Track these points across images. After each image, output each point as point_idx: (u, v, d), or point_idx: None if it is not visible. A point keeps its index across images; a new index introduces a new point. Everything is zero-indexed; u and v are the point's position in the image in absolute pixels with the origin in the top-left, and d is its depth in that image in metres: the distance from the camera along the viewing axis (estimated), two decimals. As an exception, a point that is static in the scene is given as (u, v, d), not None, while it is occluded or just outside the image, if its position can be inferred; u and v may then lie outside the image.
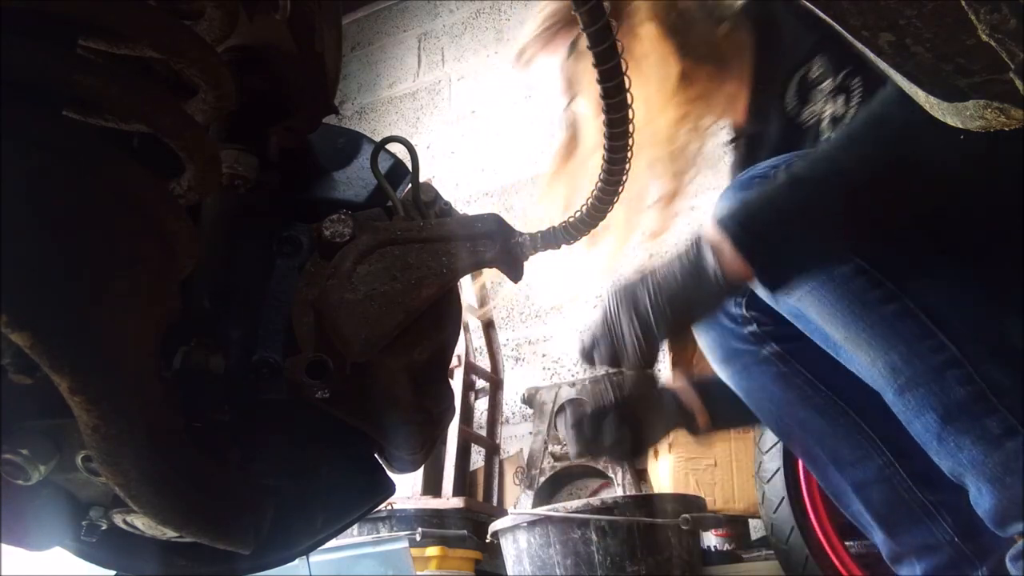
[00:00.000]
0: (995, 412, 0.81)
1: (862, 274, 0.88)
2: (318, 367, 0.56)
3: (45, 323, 0.37)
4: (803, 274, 0.90)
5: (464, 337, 2.71)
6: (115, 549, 0.54)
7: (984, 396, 0.82)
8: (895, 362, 0.87)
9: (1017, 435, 0.80)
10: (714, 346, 1.12)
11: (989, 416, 0.82)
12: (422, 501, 2.33)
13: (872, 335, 0.88)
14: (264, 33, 0.60)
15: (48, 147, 0.41)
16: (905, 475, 1.00)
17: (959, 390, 0.83)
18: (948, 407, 0.83)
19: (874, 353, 0.89)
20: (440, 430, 0.66)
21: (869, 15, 0.46)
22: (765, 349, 1.07)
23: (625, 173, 0.65)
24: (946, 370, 0.84)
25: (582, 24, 0.54)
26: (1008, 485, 0.81)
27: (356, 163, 0.70)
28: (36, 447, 0.44)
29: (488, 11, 3.59)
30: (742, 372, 1.10)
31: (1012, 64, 0.43)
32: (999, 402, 0.81)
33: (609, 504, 1.79)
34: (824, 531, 1.64)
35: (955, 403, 0.83)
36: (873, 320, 0.88)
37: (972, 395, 0.82)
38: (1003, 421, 0.81)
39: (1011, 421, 0.80)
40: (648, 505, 1.80)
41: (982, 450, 0.82)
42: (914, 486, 0.99)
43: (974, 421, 0.82)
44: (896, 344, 0.87)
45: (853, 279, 0.89)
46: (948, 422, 0.84)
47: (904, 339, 0.86)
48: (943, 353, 0.84)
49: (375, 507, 0.69)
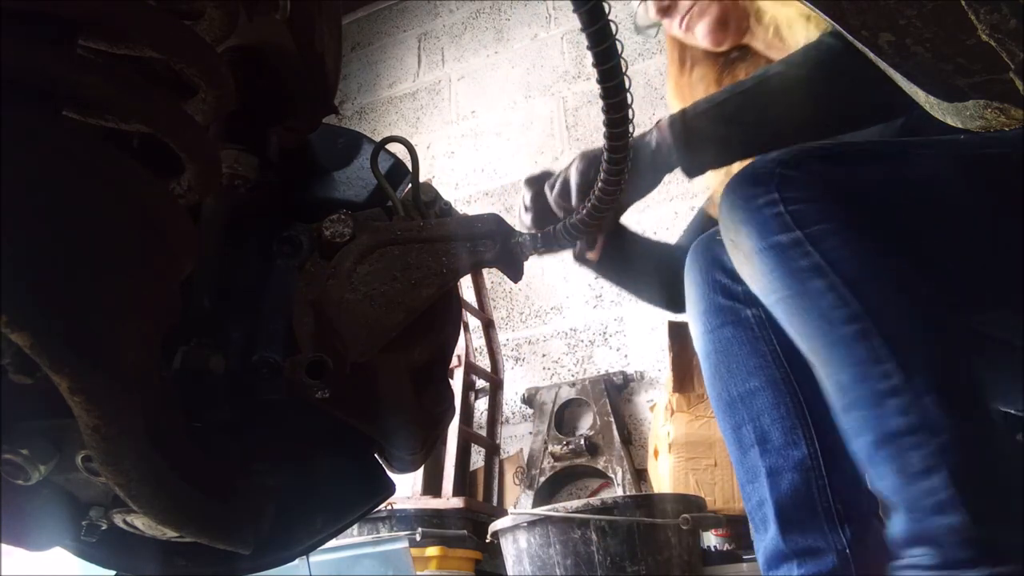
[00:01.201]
0: (921, 448, 0.83)
1: (833, 290, 0.90)
2: (318, 367, 0.56)
3: (45, 323, 0.37)
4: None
5: (464, 337, 2.72)
6: (115, 549, 0.54)
7: (915, 430, 0.84)
8: (844, 382, 0.90)
9: (933, 474, 0.82)
10: (699, 297, 1.14)
11: (915, 450, 0.84)
12: (422, 501, 2.33)
13: (830, 353, 0.91)
14: (264, 33, 0.60)
15: (48, 147, 0.41)
16: (825, 473, 1.00)
17: (894, 420, 0.85)
18: (881, 434, 0.86)
19: (828, 369, 0.91)
20: (440, 430, 0.66)
21: (869, 15, 0.46)
22: (749, 310, 1.08)
23: (625, 173, 0.65)
24: (888, 398, 0.86)
25: (582, 24, 0.54)
26: (917, 519, 0.83)
27: (356, 163, 0.70)
28: (36, 447, 0.44)
29: (488, 11, 3.59)
30: (716, 330, 1.12)
31: (1012, 64, 0.43)
32: (928, 438, 0.83)
33: (609, 504, 1.78)
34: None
35: (888, 431, 0.86)
36: (834, 339, 0.90)
37: (905, 426, 0.85)
38: (925, 458, 0.83)
39: (933, 460, 0.82)
40: (648, 505, 1.80)
41: (902, 481, 0.84)
42: (828, 487, 1.00)
43: (900, 452, 0.85)
44: (849, 365, 0.89)
45: (824, 295, 0.91)
46: (878, 448, 0.87)
47: (857, 361, 0.88)
48: (889, 380, 0.86)
49: (375, 507, 0.69)
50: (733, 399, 1.10)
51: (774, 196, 0.98)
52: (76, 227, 0.41)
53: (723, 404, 1.12)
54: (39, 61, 0.42)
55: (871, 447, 0.87)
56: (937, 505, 0.81)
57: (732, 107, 0.92)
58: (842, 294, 0.90)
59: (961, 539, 0.80)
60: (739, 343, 1.09)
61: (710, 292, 1.10)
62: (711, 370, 1.13)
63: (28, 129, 0.41)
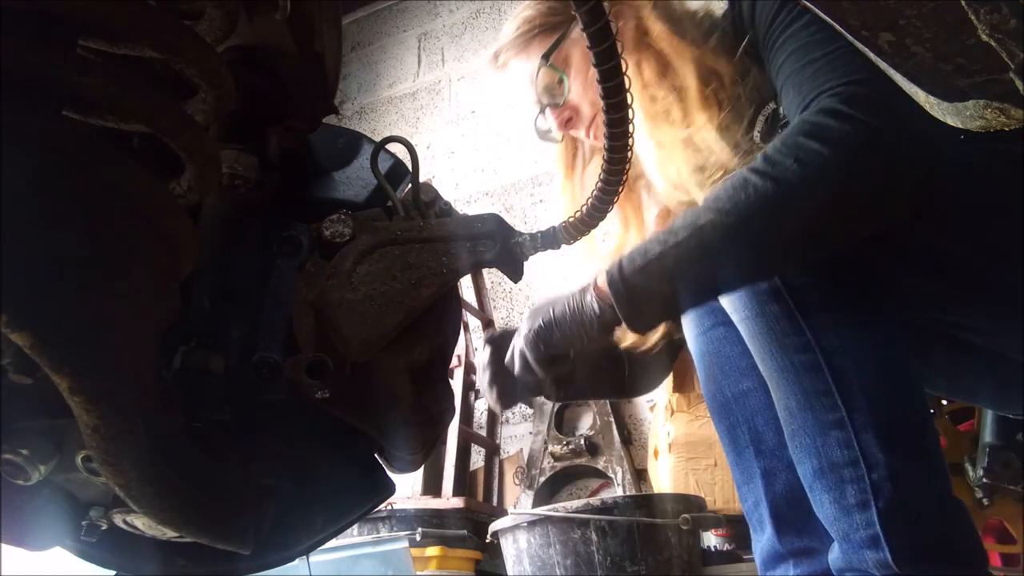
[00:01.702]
0: (857, 482, 0.87)
1: (789, 317, 0.93)
2: (318, 367, 0.56)
3: (45, 323, 0.37)
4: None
5: (464, 337, 2.72)
6: (115, 549, 0.54)
7: (855, 463, 0.87)
8: (792, 407, 0.93)
9: (866, 509, 0.85)
10: None
11: (852, 484, 0.87)
12: (422, 501, 2.33)
13: (781, 377, 0.94)
14: (264, 33, 0.60)
15: (48, 147, 0.41)
16: None
17: (836, 451, 0.89)
18: (822, 463, 0.90)
19: (778, 393, 0.95)
20: (440, 430, 0.66)
21: (869, 15, 0.46)
22: None
23: (625, 173, 0.65)
24: (831, 430, 0.89)
25: (582, 24, 0.54)
26: (850, 550, 0.87)
27: (356, 163, 0.70)
28: (36, 447, 0.44)
29: (488, 11, 3.59)
30: (708, 331, 1.12)
31: (1012, 64, 0.43)
32: (865, 473, 0.86)
33: (609, 504, 1.78)
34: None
35: (829, 462, 0.89)
36: (785, 364, 0.93)
37: (845, 459, 0.88)
38: (861, 492, 0.86)
39: (867, 495, 0.86)
40: (648, 505, 1.80)
41: (838, 511, 0.88)
42: None
43: (838, 484, 0.88)
44: (797, 392, 0.92)
45: (780, 320, 0.93)
46: (819, 477, 0.90)
47: (805, 390, 0.91)
48: (834, 413, 0.89)
49: (375, 507, 0.69)
50: (727, 400, 1.11)
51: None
52: (76, 227, 0.41)
53: (717, 405, 1.13)
54: (39, 61, 0.42)
55: (812, 475, 0.91)
56: (868, 539, 0.85)
57: (671, 261, 0.87)
58: (796, 322, 0.92)
59: (888, 574, 0.84)
60: (731, 343, 1.10)
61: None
62: (705, 371, 1.14)
63: (28, 129, 0.41)
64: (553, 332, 0.98)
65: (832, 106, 0.84)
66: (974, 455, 1.56)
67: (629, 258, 0.91)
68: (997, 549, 1.61)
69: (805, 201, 0.84)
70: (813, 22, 0.94)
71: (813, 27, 0.94)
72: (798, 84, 0.93)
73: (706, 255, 0.87)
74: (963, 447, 1.60)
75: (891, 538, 0.84)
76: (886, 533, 0.84)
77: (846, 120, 0.83)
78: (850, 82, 0.85)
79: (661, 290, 0.90)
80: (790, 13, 0.97)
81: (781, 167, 0.84)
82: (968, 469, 1.57)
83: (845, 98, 0.84)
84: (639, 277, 0.90)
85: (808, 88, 0.91)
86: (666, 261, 0.88)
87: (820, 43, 0.92)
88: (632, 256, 0.91)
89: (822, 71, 0.90)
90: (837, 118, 0.83)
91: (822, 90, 0.87)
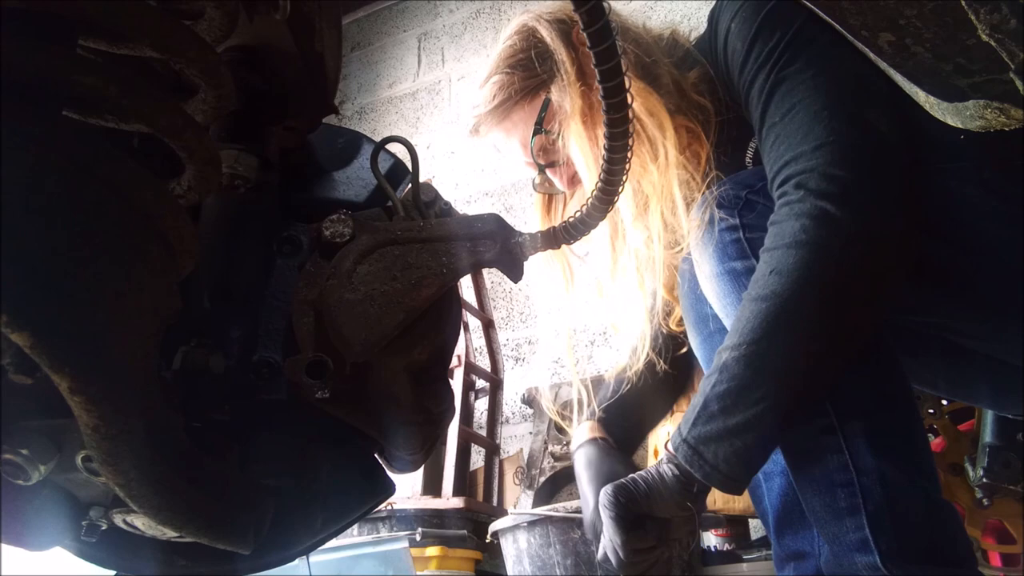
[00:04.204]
0: (847, 486, 0.88)
1: None
2: (318, 367, 0.56)
3: (45, 323, 0.37)
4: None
5: (464, 337, 2.71)
6: (115, 549, 0.54)
7: (844, 468, 0.89)
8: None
9: (857, 513, 0.87)
10: (688, 308, 1.15)
11: (842, 488, 0.88)
12: (422, 501, 2.33)
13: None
14: (264, 33, 0.60)
15: (48, 147, 0.41)
16: None
17: (828, 456, 0.90)
18: (813, 468, 0.91)
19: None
20: (440, 430, 0.66)
21: (869, 15, 0.46)
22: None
23: (625, 173, 0.65)
24: (824, 435, 0.90)
25: (582, 24, 0.54)
26: (840, 553, 0.88)
27: (356, 163, 0.70)
28: (36, 447, 0.44)
29: (488, 11, 3.58)
30: (709, 338, 1.12)
31: (1012, 64, 0.43)
32: (855, 477, 0.88)
33: (609, 504, 1.78)
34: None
35: (820, 467, 0.90)
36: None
37: (835, 464, 0.89)
38: (851, 496, 0.88)
39: (856, 500, 0.87)
40: (648, 505, 1.79)
41: (828, 515, 0.89)
42: None
43: (829, 488, 0.89)
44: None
45: None
46: (810, 481, 0.91)
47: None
48: (824, 418, 0.91)
49: (375, 507, 0.69)
50: None
51: (735, 222, 1.00)
52: (76, 227, 0.41)
53: None
54: (39, 61, 0.42)
55: (804, 480, 0.92)
56: (858, 543, 0.86)
57: (725, 403, 0.86)
58: None
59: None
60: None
61: (697, 303, 1.12)
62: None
63: (28, 129, 0.41)
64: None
65: (791, 200, 0.88)
66: (974, 455, 1.56)
67: (686, 422, 0.90)
68: (997, 549, 1.60)
69: (801, 309, 0.87)
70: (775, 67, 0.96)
71: (773, 76, 0.96)
72: (764, 151, 0.97)
73: (750, 381, 0.87)
74: (963, 447, 1.60)
75: (880, 542, 0.85)
76: (875, 537, 0.85)
77: (808, 217, 0.86)
78: (799, 156, 0.89)
79: (736, 441, 0.88)
80: (757, 60, 0.99)
81: (766, 284, 0.88)
82: (968, 469, 1.57)
83: (797, 184, 0.88)
84: (710, 443, 0.88)
85: (770, 160, 0.94)
86: (725, 401, 0.87)
87: (779, 102, 0.94)
88: (688, 421, 0.90)
89: (780, 140, 0.93)
90: (801, 217, 0.86)
91: (779, 167, 0.92)
